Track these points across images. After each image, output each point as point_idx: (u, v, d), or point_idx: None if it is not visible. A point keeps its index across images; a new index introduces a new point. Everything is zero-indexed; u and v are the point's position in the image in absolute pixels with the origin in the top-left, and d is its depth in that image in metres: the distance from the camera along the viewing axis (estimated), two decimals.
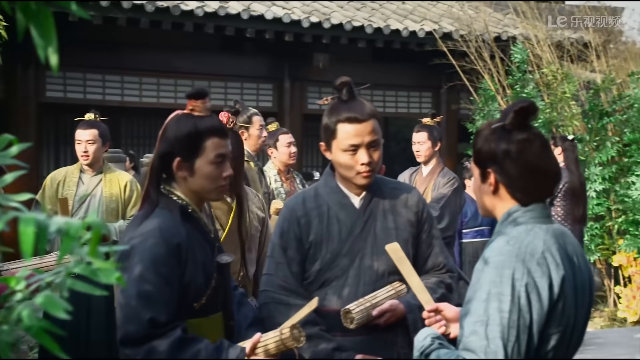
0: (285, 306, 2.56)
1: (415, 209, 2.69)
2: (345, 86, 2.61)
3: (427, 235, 2.71)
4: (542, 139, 2.02)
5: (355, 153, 2.56)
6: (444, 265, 2.71)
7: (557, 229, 1.99)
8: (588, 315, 2.02)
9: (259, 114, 5.27)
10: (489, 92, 9.88)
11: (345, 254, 2.61)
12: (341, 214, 2.65)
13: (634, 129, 9.14)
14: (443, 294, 2.56)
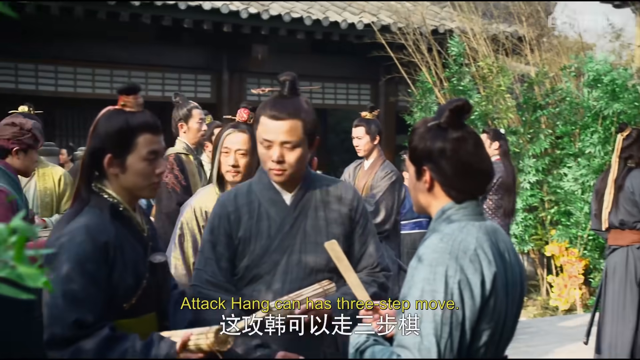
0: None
1: (349, 206, 2.69)
2: (287, 81, 2.60)
3: (361, 233, 2.70)
4: (476, 138, 2.05)
5: (269, 148, 2.57)
6: (378, 264, 2.71)
7: (490, 226, 2.02)
8: (519, 311, 2.06)
9: (199, 108, 5.23)
10: (426, 84, 9.99)
11: (274, 250, 2.60)
12: (271, 210, 2.64)
13: (566, 121, 9.35)
14: (375, 293, 2.55)
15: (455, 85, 9.60)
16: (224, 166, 3.35)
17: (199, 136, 5.19)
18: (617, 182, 5.33)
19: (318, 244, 2.56)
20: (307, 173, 2.69)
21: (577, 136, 9.26)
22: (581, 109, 9.28)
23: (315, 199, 2.66)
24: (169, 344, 2.21)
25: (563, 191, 9.05)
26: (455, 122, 2.01)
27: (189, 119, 5.12)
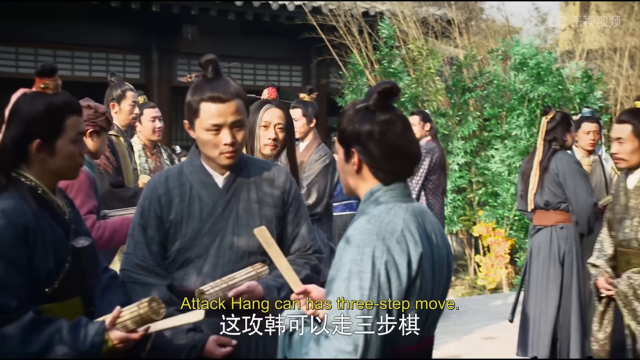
0: (141, 285, 2.54)
1: (282, 189, 2.68)
2: (211, 64, 2.57)
3: (294, 216, 2.70)
4: (404, 120, 2.07)
5: (218, 133, 2.54)
6: (310, 247, 2.71)
7: (417, 207, 2.05)
8: (446, 291, 2.09)
9: (134, 90, 5.15)
10: (357, 66, 10.02)
11: (206, 233, 2.58)
12: (203, 193, 2.61)
13: (494, 104, 9.53)
14: (307, 275, 2.56)
15: (386, 67, 9.67)
16: (263, 140, 3.58)
17: (130, 119, 5.11)
18: (542, 164, 5.45)
19: (250, 226, 2.54)
20: (242, 155, 2.67)
21: (504, 118, 9.45)
22: (508, 91, 9.47)
23: (247, 182, 2.65)
24: (98, 323, 2.18)
25: (490, 173, 9.24)
26: (383, 105, 2.03)
27: (121, 100, 5.03)
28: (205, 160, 2.64)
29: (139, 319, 2.23)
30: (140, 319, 2.23)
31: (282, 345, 1.99)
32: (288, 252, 2.67)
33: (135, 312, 2.23)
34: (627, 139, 3.89)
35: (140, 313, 2.22)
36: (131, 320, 2.24)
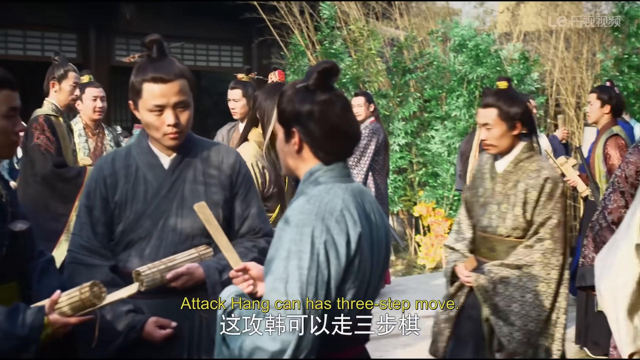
0: (85, 267, 2.52)
1: (230, 172, 2.66)
2: (155, 44, 2.54)
3: (243, 199, 2.68)
4: (344, 100, 2.08)
5: (161, 114, 2.51)
6: (260, 230, 2.70)
7: (356, 187, 2.07)
8: (384, 270, 2.12)
9: (76, 71, 5.04)
10: (298, 47, 10.00)
11: (150, 215, 2.56)
12: (149, 175, 2.59)
13: (434, 85, 9.63)
14: (255, 258, 2.53)
15: (327, 48, 9.67)
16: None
17: (69, 99, 5.01)
18: (480, 144, 5.54)
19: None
20: (188, 136, 2.65)
21: (444, 100, 9.56)
22: (447, 73, 9.57)
23: (195, 163, 2.63)
24: (36, 308, 2.15)
25: (430, 153, 9.35)
26: (323, 85, 2.03)
27: (62, 80, 4.93)
28: (153, 141, 2.62)
29: (80, 304, 2.21)
30: (82, 303, 2.21)
31: (220, 324, 1.99)
32: (237, 235, 2.66)
33: (76, 297, 2.21)
34: (494, 124, 3.62)
35: (81, 298, 2.20)
36: (71, 305, 2.21)
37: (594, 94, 5.60)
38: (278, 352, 1.83)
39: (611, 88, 5.73)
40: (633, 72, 9.27)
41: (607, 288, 2.27)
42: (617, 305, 2.23)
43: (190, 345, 2.54)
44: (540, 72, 10.10)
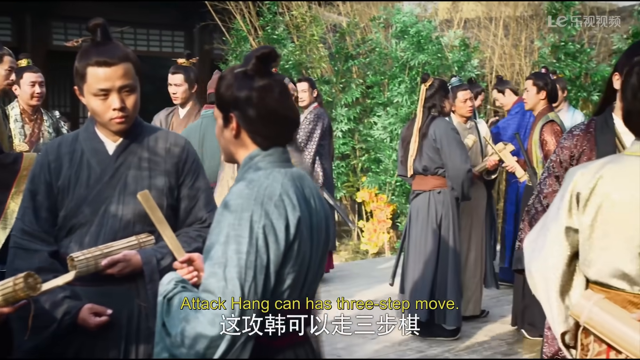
0: (25, 251, 2.50)
1: (177, 159, 2.62)
2: (99, 27, 2.50)
3: (190, 187, 2.65)
4: (283, 86, 2.08)
5: (106, 98, 2.48)
6: (206, 219, 2.66)
7: (295, 172, 2.07)
8: (324, 255, 2.13)
9: (12, 55, 4.90)
10: (241, 32, 9.94)
11: (91, 201, 2.53)
12: (93, 160, 2.56)
13: (376, 71, 9.68)
14: (198, 248, 2.48)
15: (270, 34, 9.64)
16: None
17: (4, 84, 4.87)
18: (421, 130, 5.60)
19: None
20: (136, 122, 2.61)
21: (386, 86, 9.62)
22: (389, 59, 9.64)
23: (141, 150, 2.60)
24: None
25: (373, 139, 9.40)
26: (261, 70, 2.02)
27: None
28: (99, 126, 2.59)
29: (13, 295, 2.17)
30: (15, 294, 2.17)
31: (160, 311, 1.97)
32: (183, 224, 2.63)
33: (9, 288, 2.17)
34: None
35: (15, 289, 2.16)
36: (5, 297, 2.17)
37: (530, 81, 5.70)
38: (217, 337, 1.83)
39: (547, 75, 5.84)
40: (569, 60, 9.48)
41: (537, 269, 2.32)
42: (548, 286, 2.28)
43: (128, 333, 2.51)
44: (480, 59, 10.26)
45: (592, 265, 2.21)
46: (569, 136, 3.13)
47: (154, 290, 2.44)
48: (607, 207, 2.15)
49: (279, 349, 2.01)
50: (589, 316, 2.18)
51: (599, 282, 2.22)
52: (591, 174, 2.20)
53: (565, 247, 2.26)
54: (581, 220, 2.21)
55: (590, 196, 2.18)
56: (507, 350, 5.47)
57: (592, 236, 2.19)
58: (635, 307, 2.15)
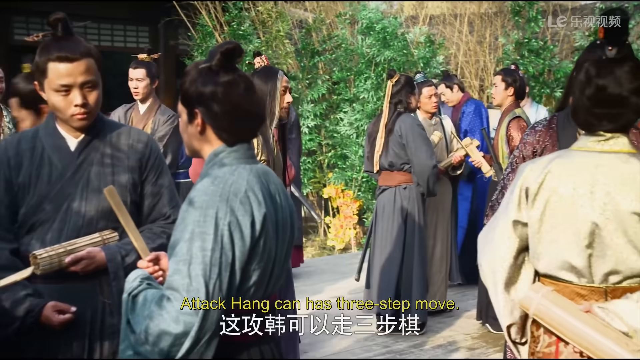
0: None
1: (140, 156, 2.61)
2: (60, 22, 2.46)
3: (153, 183, 2.63)
4: (248, 81, 2.07)
5: (67, 94, 2.46)
6: (170, 215, 2.65)
7: (261, 168, 2.07)
8: (289, 251, 2.13)
9: None
10: (206, 28, 9.88)
11: (53, 198, 2.50)
12: (54, 157, 2.53)
13: (342, 67, 9.69)
14: (163, 244, 2.49)
15: (236, 29, 9.59)
16: (284, 103, 3.87)
17: None
18: (387, 126, 5.62)
19: (101, 192, 2.47)
20: (97, 118, 2.58)
21: (352, 82, 9.64)
22: (356, 55, 9.65)
23: (103, 146, 2.57)
24: None
25: (339, 135, 9.42)
26: (226, 66, 2.01)
27: None
28: (60, 122, 2.56)
29: None
30: None
31: (125, 308, 1.96)
32: (147, 220, 2.62)
33: None
34: None
35: None
36: None
37: (499, 77, 5.74)
38: (181, 335, 1.82)
39: (515, 71, 5.88)
40: (533, 56, 9.58)
41: (486, 262, 2.37)
42: (496, 278, 2.33)
43: (92, 330, 2.49)
44: (446, 56, 10.32)
45: (541, 258, 2.26)
46: (532, 132, 3.17)
47: (118, 287, 2.43)
48: (555, 202, 2.21)
49: (244, 346, 2.01)
50: (538, 308, 2.23)
51: (548, 275, 2.27)
52: (540, 169, 2.26)
53: (513, 240, 2.31)
54: (530, 214, 2.26)
55: (539, 191, 2.23)
56: (472, 344, 5.52)
57: (541, 230, 2.24)
58: (582, 298, 2.20)
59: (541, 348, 2.28)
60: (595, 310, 2.15)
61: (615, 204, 2.13)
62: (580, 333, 2.14)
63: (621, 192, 2.13)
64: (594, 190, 2.15)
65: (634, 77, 2.17)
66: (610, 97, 2.17)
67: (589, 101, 2.20)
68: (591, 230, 2.15)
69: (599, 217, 2.14)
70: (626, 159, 2.17)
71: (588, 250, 2.16)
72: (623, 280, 2.17)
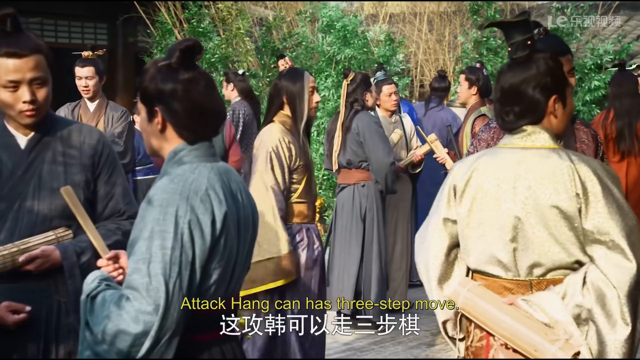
0: None
1: (92, 152, 2.58)
2: (9, 17, 2.43)
3: (106, 180, 2.61)
4: (208, 78, 2.06)
5: (16, 90, 2.42)
6: (124, 212, 2.64)
7: (222, 166, 2.06)
8: (251, 250, 2.12)
9: None
10: (166, 25, 9.81)
11: (5, 196, 2.46)
12: (4, 155, 2.49)
13: (303, 65, 9.68)
14: (118, 241, 2.48)
15: (195, 27, 9.54)
16: (312, 103, 4.12)
17: None
18: (344, 124, 5.64)
19: (54, 189, 2.45)
20: (47, 115, 2.55)
21: None
22: (316, 53, 9.67)
23: (54, 143, 2.54)
24: None
25: None
26: (186, 63, 2.00)
27: None
28: (9, 120, 2.52)
29: None
30: None
31: (84, 310, 1.93)
32: (101, 217, 2.59)
33: None
34: None
35: None
36: None
37: (463, 75, 5.79)
38: (141, 335, 1.79)
39: (480, 69, 5.94)
40: (491, 55, 9.69)
41: (421, 261, 2.44)
42: (429, 275, 2.40)
43: (47, 330, 2.46)
44: (405, 54, 10.38)
45: (471, 254, 2.32)
46: (486, 129, 3.22)
47: (74, 285, 2.41)
48: (481, 198, 2.27)
49: (205, 345, 1.99)
50: (464, 302, 2.28)
51: (478, 270, 2.32)
52: (467, 166, 2.33)
53: (444, 237, 2.37)
54: (458, 211, 2.32)
55: (466, 188, 2.30)
56: (432, 340, 5.57)
57: (469, 226, 2.30)
58: (510, 292, 2.27)
59: (473, 342, 2.34)
60: (518, 302, 2.21)
61: (536, 198, 2.19)
62: (503, 325, 2.20)
63: (541, 186, 2.19)
64: (516, 185, 2.22)
65: (538, 74, 2.25)
66: (514, 93, 2.26)
67: (498, 102, 2.32)
68: (514, 224, 2.21)
69: (521, 211, 2.20)
70: (547, 154, 2.24)
71: (512, 244, 2.22)
72: (546, 272, 2.23)
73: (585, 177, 2.17)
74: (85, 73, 5.35)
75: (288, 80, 4.07)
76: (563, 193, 2.16)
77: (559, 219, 2.17)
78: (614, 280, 2.13)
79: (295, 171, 4.01)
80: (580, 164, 2.20)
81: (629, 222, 2.18)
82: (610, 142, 5.64)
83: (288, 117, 4.07)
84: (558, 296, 2.17)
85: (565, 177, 2.17)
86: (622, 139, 5.55)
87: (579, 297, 2.15)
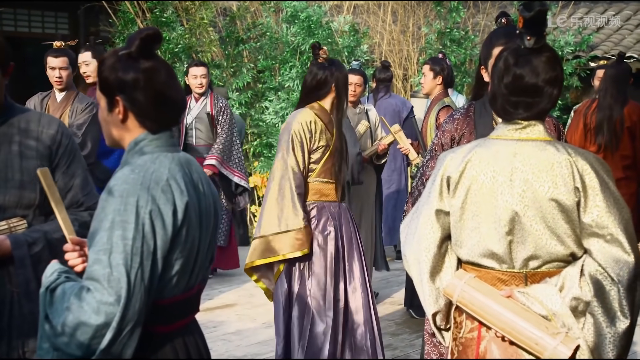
0: None
1: (50, 142, 2.55)
2: None
3: (64, 171, 2.58)
4: (168, 67, 2.05)
5: None
6: (82, 203, 2.61)
7: (183, 157, 2.05)
8: (214, 240, 2.12)
9: None
10: (128, 15, 9.71)
11: None
12: None
13: (267, 56, 9.66)
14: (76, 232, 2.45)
15: (158, 16, 9.45)
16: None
17: None
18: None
19: (9, 180, 2.43)
20: (6, 104, 2.51)
21: (277, 70, 9.62)
22: (280, 44, 9.64)
23: (10, 133, 2.51)
24: None
25: (265, 124, 9.40)
26: (146, 52, 1.98)
27: None
28: None
29: None
30: None
31: (43, 302, 1.90)
32: None
33: None
34: None
35: None
36: None
37: (427, 66, 5.81)
38: (102, 326, 1.78)
39: (443, 60, 5.97)
40: (455, 46, 9.75)
41: (411, 252, 2.41)
42: (421, 268, 2.37)
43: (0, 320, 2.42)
44: (370, 45, 10.39)
45: (464, 245, 2.31)
46: (450, 120, 3.23)
47: (24, 276, 2.39)
48: (475, 190, 2.26)
49: (167, 336, 1.98)
50: (461, 295, 2.27)
51: (470, 262, 2.32)
52: (460, 158, 2.31)
53: (436, 229, 2.35)
54: (452, 203, 2.31)
55: (460, 179, 2.28)
56: (396, 330, 5.61)
57: (463, 218, 2.29)
58: (504, 284, 2.26)
59: (464, 333, 2.33)
60: (516, 295, 2.21)
61: (534, 191, 2.19)
62: (502, 318, 2.20)
63: (539, 179, 2.19)
64: (512, 178, 2.21)
65: (550, 68, 2.24)
66: (527, 86, 2.24)
67: (507, 89, 2.26)
68: (511, 217, 2.21)
69: (518, 204, 2.20)
70: (543, 146, 2.23)
71: (508, 237, 2.22)
72: (542, 265, 2.23)
73: (583, 171, 2.18)
74: (58, 64, 5.27)
75: (338, 70, 4.32)
76: (562, 186, 2.17)
77: (557, 212, 2.17)
78: (613, 273, 2.15)
79: (314, 151, 4.27)
80: (578, 157, 2.20)
81: (624, 216, 2.19)
82: (588, 132, 5.71)
83: (318, 104, 4.29)
84: (555, 289, 2.18)
85: (564, 171, 2.17)
86: (600, 132, 5.62)
87: (577, 289, 2.16)
